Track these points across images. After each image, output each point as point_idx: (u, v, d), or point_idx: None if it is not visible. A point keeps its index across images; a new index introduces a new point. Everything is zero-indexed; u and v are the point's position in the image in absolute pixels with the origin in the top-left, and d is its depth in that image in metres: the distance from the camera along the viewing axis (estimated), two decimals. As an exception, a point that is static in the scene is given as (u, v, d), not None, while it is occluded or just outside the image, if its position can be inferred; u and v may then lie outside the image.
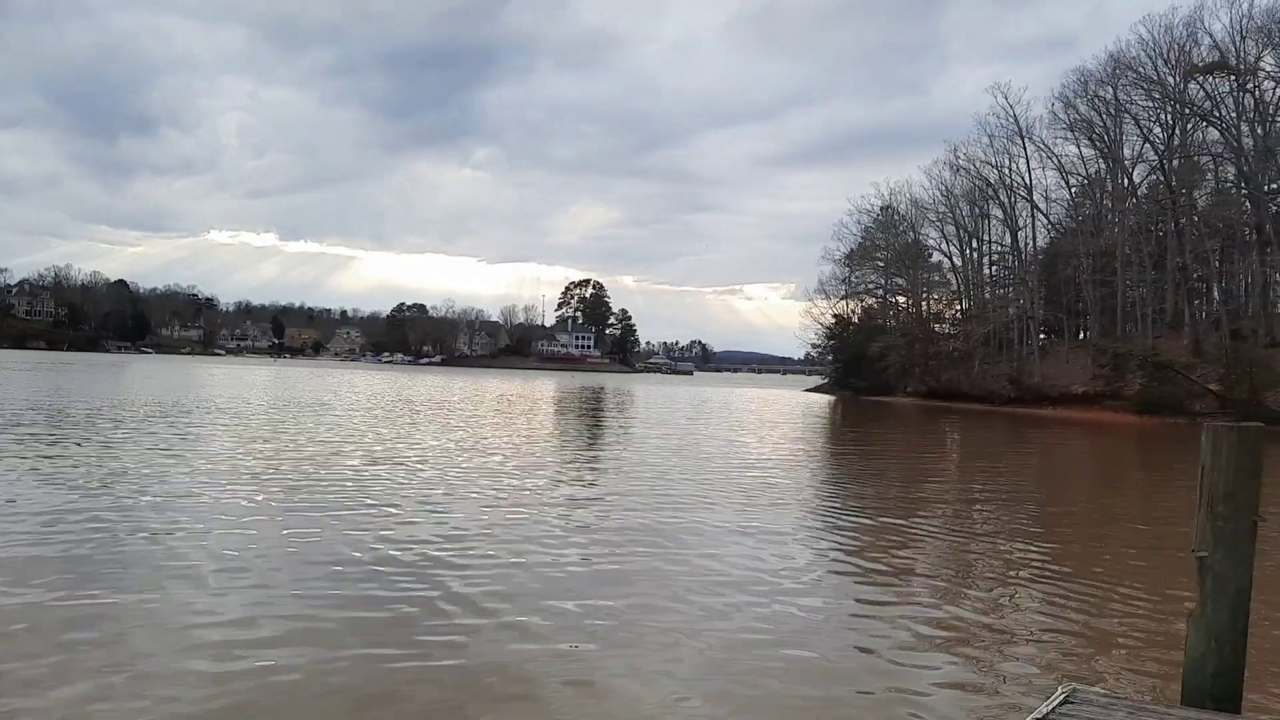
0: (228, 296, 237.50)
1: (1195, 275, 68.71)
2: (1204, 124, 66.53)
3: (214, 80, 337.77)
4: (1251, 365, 53.71)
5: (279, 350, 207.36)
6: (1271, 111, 62.99)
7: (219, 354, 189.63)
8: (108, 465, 16.92)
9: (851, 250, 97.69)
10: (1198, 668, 4.95)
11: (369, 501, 14.26)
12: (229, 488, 14.92)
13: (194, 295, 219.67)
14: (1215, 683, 4.89)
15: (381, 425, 29.93)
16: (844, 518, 15.18)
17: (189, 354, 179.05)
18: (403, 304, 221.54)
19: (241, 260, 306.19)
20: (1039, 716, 4.53)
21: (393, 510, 13.58)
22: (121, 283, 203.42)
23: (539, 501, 15.21)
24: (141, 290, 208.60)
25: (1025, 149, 78.76)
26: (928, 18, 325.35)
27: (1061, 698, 4.84)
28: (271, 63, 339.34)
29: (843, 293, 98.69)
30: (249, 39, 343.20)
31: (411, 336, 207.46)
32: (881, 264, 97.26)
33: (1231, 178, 67.64)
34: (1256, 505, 4.92)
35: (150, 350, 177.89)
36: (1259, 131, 62.73)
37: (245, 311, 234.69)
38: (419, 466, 19.07)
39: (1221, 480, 4.89)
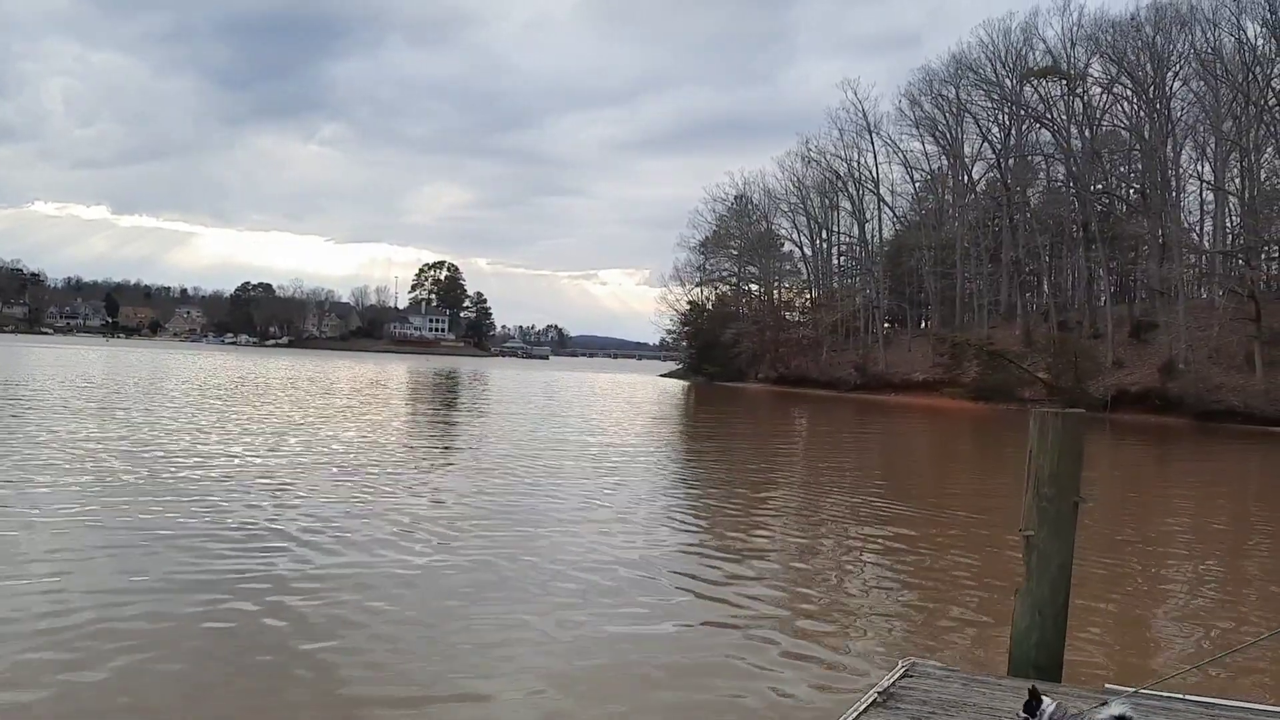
0: (56, 272, 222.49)
1: (1027, 269, 72.52)
2: (1037, 126, 70.32)
3: (36, 42, 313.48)
4: (1076, 355, 57.16)
5: (113, 330, 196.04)
6: (1098, 115, 67.02)
7: (46, 333, 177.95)
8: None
9: (706, 238, 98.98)
10: (1023, 639, 5.26)
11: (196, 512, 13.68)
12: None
13: (18, 270, 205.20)
14: (1039, 653, 5.21)
15: (211, 413, 28.81)
16: (694, 500, 15.44)
17: (13, 332, 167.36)
18: (247, 283, 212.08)
19: (70, 234, 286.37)
20: (881, 689, 4.72)
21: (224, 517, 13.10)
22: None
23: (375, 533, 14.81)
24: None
25: (874, 143, 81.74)
26: (776, 8, 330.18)
27: (902, 671, 5.06)
28: (99, 25, 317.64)
29: (697, 279, 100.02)
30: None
31: (257, 317, 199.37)
32: (735, 252, 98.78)
33: (1061, 177, 71.60)
34: (1078, 486, 5.24)
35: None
36: (1086, 134, 66.60)
37: (76, 288, 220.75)
38: (257, 459, 18.48)
39: (1047, 463, 5.20)
